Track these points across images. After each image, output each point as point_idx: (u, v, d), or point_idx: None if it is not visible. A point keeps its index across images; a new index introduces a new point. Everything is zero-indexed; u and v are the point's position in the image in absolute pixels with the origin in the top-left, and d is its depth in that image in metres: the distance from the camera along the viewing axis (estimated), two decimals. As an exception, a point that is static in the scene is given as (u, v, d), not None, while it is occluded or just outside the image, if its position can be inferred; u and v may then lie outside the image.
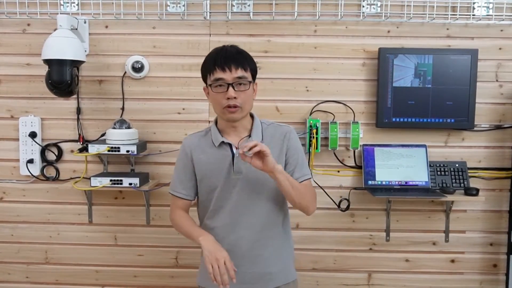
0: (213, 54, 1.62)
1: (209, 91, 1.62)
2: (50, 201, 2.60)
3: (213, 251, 1.51)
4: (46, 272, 2.64)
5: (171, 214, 1.75)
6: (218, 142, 1.64)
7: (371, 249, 2.61)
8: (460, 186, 2.46)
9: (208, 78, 1.60)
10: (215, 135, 1.66)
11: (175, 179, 1.73)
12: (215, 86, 1.57)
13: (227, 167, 1.63)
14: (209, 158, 1.65)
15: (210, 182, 1.66)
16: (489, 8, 2.46)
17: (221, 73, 1.55)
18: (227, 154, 1.64)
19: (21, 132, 2.54)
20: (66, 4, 2.49)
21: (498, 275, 2.61)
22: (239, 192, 1.63)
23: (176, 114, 2.55)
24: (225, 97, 1.55)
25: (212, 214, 1.68)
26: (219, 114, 1.63)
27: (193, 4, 2.49)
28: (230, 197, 1.64)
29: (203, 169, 1.66)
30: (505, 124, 2.53)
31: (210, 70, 1.58)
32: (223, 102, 1.56)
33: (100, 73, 2.53)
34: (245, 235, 1.65)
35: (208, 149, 1.66)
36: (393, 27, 2.50)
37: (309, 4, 2.48)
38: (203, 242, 1.55)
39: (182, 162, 1.71)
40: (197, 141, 1.70)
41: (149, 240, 2.61)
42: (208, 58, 1.62)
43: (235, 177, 1.63)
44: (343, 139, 2.52)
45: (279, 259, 1.71)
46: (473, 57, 2.42)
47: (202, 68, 1.64)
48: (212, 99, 1.62)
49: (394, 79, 2.45)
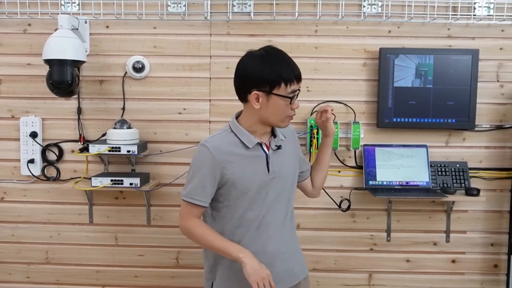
0: (280, 61, 1.54)
1: (273, 99, 1.53)
2: (51, 201, 2.60)
3: (258, 269, 1.48)
4: (47, 272, 2.64)
5: (185, 222, 1.61)
6: (252, 144, 1.59)
7: (372, 249, 2.60)
8: (461, 186, 2.46)
9: (281, 88, 1.51)
10: (247, 137, 1.59)
11: (196, 185, 1.58)
12: (293, 97, 1.54)
13: (262, 167, 1.60)
14: (242, 159, 1.58)
15: (242, 185, 1.58)
16: (490, 8, 2.46)
17: (297, 85, 1.55)
18: (261, 155, 1.61)
19: (22, 132, 2.54)
20: (67, 4, 2.49)
21: (499, 275, 2.60)
22: (271, 191, 1.62)
23: (177, 114, 2.55)
24: (292, 108, 1.56)
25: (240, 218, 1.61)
26: (276, 122, 1.58)
27: (194, 4, 2.49)
28: (262, 198, 1.60)
29: (236, 171, 1.57)
30: (506, 124, 2.53)
31: (287, 80, 1.51)
32: (289, 112, 1.56)
33: (100, 73, 2.53)
34: (274, 234, 1.64)
35: (238, 151, 1.59)
36: (394, 27, 2.50)
37: (310, 4, 2.48)
38: (246, 259, 1.49)
39: (207, 168, 1.56)
40: (221, 144, 1.58)
41: (149, 240, 2.61)
42: (276, 64, 1.52)
43: (270, 177, 1.60)
44: (344, 139, 2.52)
45: (298, 255, 1.77)
46: (474, 57, 2.42)
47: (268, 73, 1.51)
48: (277, 108, 1.54)
49: (395, 79, 2.45)
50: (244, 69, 1.58)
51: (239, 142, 1.59)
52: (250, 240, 1.60)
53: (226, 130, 1.63)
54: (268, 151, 1.62)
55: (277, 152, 1.64)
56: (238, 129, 1.61)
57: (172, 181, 2.52)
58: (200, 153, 1.59)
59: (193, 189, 1.59)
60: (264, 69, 1.52)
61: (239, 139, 1.59)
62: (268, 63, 1.53)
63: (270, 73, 1.52)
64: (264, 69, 1.52)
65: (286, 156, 1.67)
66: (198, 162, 1.59)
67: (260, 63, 1.54)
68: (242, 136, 1.59)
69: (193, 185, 1.59)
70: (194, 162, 1.60)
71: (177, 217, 2.55)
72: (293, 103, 1.56)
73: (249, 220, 1.61)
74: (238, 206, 1.60)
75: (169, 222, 2.59)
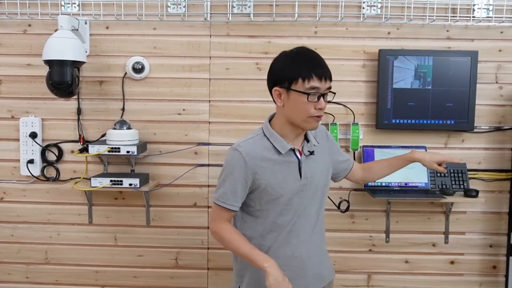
0: (304, 58, 1.52)
1: (292, 96, 1.51)
2: (50, 202, 2.60)
3: (280, 281, 1.46)
4: (46, 273, 2.64)
5: (215, 225, 1.61)
6: (285, 149, 1.57)
7: (370, 250, 2.61)
8: (460, 188, 2.46)
9: (298, 83, 1.49)
10: (279, 142, 1.57)
11: (227, 189, 1.57)
12: (311, 95, 1.49)
13: (294, 173, 1.59)
14: (274, 165, 1.57)
15: (274, 190, 1.57)
16: (489, 10, 2.46)
17: (317, 82, 1.49)
18: (293, 160, 1.59)
19: (22, 133, 2.54)
20: (67, 5, 2.49)
21: (498, 276, 2.61)
22: (303, 197, 1.61)
23: (177, 115, 2.55)
24: (316, 107, 1.51)
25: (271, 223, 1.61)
26: (300, 122, 1.54)
27: (194, 5, 2.49)
28: (294, 203, 1.59)
29: (268, 177, 1.56)
30: (505, 126, 2.53)
31: (306, 76, 1.48)
32: (312, 111, 1.51)
33: (100, 74, 2.53)
34: (304, 239, 1.64)
35: (271, 156, 1.57)
36: (393, 28, 2.50)
37: (310, 6, 2.48)
38: (270, 269, 1.48)
39: (239, 173, 1.55)
40: (254, 149, 1.57)
41: (149, 241, 2.61)
42: (299, 61, 1.51)
43: (302, 183, 1.59)
44: (343, 141, 2.52)
45: (326, 257, 1.78)
46: (473, 59, 2.43)
47: (290, 70, 1.51)
48: (297, 106, 1.51)
49: (394, 80, 2.45)
50: (271, 68, 1.59)
51: (272, 147, 1.58)
52: (281, 245, 1.61)
53: (259, 134, 1.61)
54: (300, 157, 1.61)
55: (309, 158, 1.62)
56: (271, 134, 1.59)
57: (171, 181, 2.53)
58: (232, 158, 1.57)
59: (224, 193, 1.58)
60: (285, 65, 1.53)
61: (271, 144, 1.58)
62: (291, 60, 1.53)
63: (290, 69, 1.51)
64: (285, 65, 1.53)
65: (318, 161, 1.65)
66: (230, 166, 1.57)
67: (284, 60, 1.55)
68: (275, 141, 1.58)
69: (224, 189, 1.57)
70: (226, 166, 1.59)
71: (176, 217, 2.59)
72: (313, 100, 1.50)
73: (280, 226, 1.60)
74: (270, 211, 1.59)
75: (169, 222, 2.59)
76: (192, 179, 2.55)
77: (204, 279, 2.63)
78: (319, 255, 1.72)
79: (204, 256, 2.62)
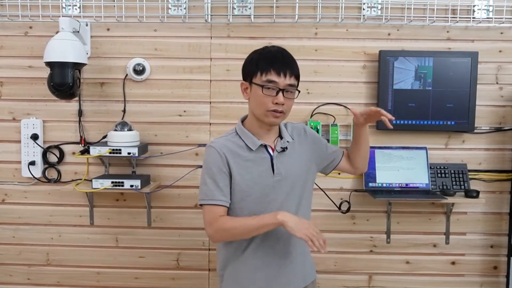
0: (268, 54, 1.57)
1: (253, 89, 1.56)
2: (52, 203, 2.61)
3: (299, 222, 1.46)
4: (47, 274, 2.65)
5: (214, 225, 1.54)
6: (256, 146, 1.59)
7: (371, 251, 2.61)
8: (461, 188, 2.47)
9: (257, 76, 1.54)
10: (250, 138, 1.60)
11: (211, 187, 1.56)
12: (266, 88, 1.52)
13: (267, 169, 1.60)
14: (246, 162, 1.58)
15: (247, 186, 1.58)
16: (489, 11, 2.47)
17: (275, 77, 1.52)
18: (265, 157, 1.61)
19: (23, 134, 2.55)
20: (68, 7, 2.50)
21: (499, 277, 2.61)
22: (278, 193, 1.61)
23: (177, 116, 2.55)
24: (273, 102, 1.53)
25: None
26: (260, 115, 1.57)
27: (194, 7, 2.50)
28: (267, 200, 1.60)
29: (241, 173, 1.58)
30: (505, 127, 2.54)
31: (264, 69, 1.53)
32: (270, 105, 1.53)
33: (101, 76, 2.54)
34: (283, 235, 1.63)
35: (242, 153, 1.59)
36: (394, 29, 2.51)
37: (310, 7, 2.49)
38: (284, 218, 1.46)
39: (217, 167, 1.56)
40: (228, 145, 1.59)
41: (150, 242, 2.61)
42: (262, 56, 1.57)
43: (276, 178, 1.60)
44: (344, 141, 2.53)
45: (308, 257, 1.75)
46: (473, 60, 2.43)
47: (251, 64, 1.57)
48: (256, 99, 1.56)
49: (394, 81, 2.46)
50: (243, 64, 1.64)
51: (244, 144, 1.60)
52: (260, 241, 1.61)
53: (232, 133, 1.65)
54: (273, 153, 1.62)
55: (283, 154, 1.63)
56: (242, 131, 1.62)
57: (172, 183, 2.53)
58: (208, 155, 1.60)
59: (209, 190, 1.56)
60: (251, 60, 1.59)
61: (243, 141, 1.61)
62: (257, 55, 1.58)
63: (252, 63, 1.57)
64: (251, 60, 1.59)
65: (295, 157, 1.66)
66: (207, 163, 1.59)
67: (252, 56, 1.60)
68: (246, 138, 1.61)
69: (208, 187, 1.57)
70: (204, 165, 1.60)
71: (178, 218, 2.59)
72: (270, 94, 1.52)
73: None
74: (244, 209, 1.59)
75: (170, 224, 2.60)
76: (193, 180, 2.55)
77: (205, 280, 2.63)
78: (299, 253, 1.69)
79: (205, 257, 2.62)
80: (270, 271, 1.62)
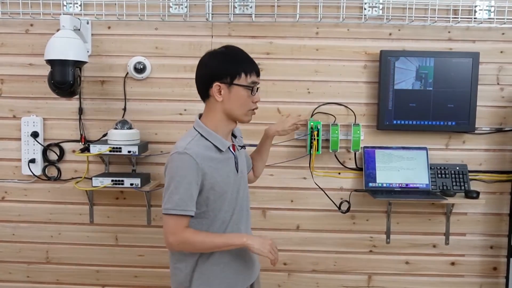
0: (243, 55, 1.62)
1: (234, 90, 1.57)
2: (52, 201, 2.61)
3: (263, 242, 1.56)
4: (47, 272, 2.65)
5: (178, 237, 1.54)
6: (225, 147, 1.61)
7: (371, 251, 2.61)
8: (461, 189, 2.47)
9: (241, 78, 1.57)
10: (219, 140, 1.60)
11: (184, 195, 1.52)
12: (251, 89, 1.59)
13: (232, 169, 1.65)
14: (218, 163, 1.59)
15: (220, 188, 1.59)
16: (491, 12, 2.46)
17: (256, 78, 1.62)
18: (231, 156, 1.65)
19: (23, 132, 2.55)
20: (69, 5, 2.50)
21: (498, 278, 2.61)
22: (241, 190, 1.69)
23: (178, 115, 2.55)
24: (254, 100, 1.62)
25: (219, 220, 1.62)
26: (239, 115, 1.61)
27: (196, 6, 2.50)
28: (234, 198, 1.65)
29: (215, 176, 1.57)
30: (506, 127, 2.54)
31: (248, 71, 1.58)
32: (251, 105, 1.62)
33: (102, 74, 2.54)
34: (244, 230, 1.71)
35: (214, 155, 1.59)
36: (395, 29, 2.50)
37: (311, 7, 2.49)
38: (249, 241, 1.56)
39: (192, 176, 1.52)
40: (199, 150, 1.56)
41: (149, 241, 2.61)
42: (239, 58, 1.60)
43: (239, 176, 1.67)
44: (344, 141, 2.53)
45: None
46: (474, 60, 2.43)
47: (231, 66, 1.58)
48: (239, 99, 1.58)
49: (395, 81, 2.45)
50: (205, 65, 1.62)
51: (212, 146, 1.60)
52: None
53: (196, 135, 1.60)
54: (235, 152, 1.68)
55: (240, 152, 1.72)
56: (208, 133, 1.60)
57: (172, 181, 2.53)
58: (183, 162, 1.52)
59: (181, 200, 1.52)
60: (225, 61, 1.59)
61: (211, 143, 1.60)
62: (229, 56, 1.61)
63: (231, 65, 1.59)
64: (225, 61, 1.59)
65: (243, 155, 1.79)
66: (182, 171, 1.52)
67: (221, 57, 1.61)
68: (214, 140, 1.60)
69: (180, 196, 1.52)
70: (177, 172, 1.53)
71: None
72: (254, 95, 1.61)
73: (224, 221, 1.63)
74: (216, 210, 1.61)
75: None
76: (193, 179, 2.54)
77: (204, 279, 2.63)
78: None
79: (204, 256, 2.62)
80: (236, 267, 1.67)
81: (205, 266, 1.63)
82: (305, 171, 2.53)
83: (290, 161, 2.52)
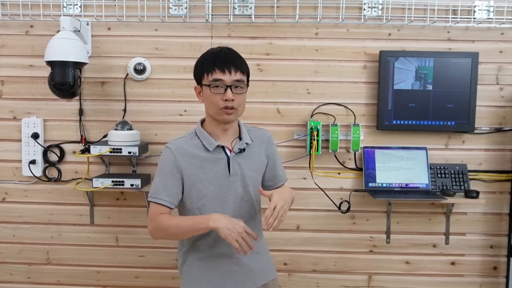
0: (211, 55, 1.62)
1: (204, 91, 1.61)
2: (52, 202, 2.61)
3: (231, 227, 1.47)
4: (48, 273, 2.65)
5: (153, 222, 1.59)
6: (212, 146, 1.62)
7: (371, 251, 2.61)
8: (461, 189, 2.47)
9: (204, 77, 1.60)
10: (207, 139, 1.63)
11: (158, 185, 1.62)
12: (213, 86, 1.57)
13: (222, 170, 1.63)
14: (202, 162, 1.62)
15: (203, 186, 1.62)
16: (490, 12, 2.47)
17: (220, 74, 1.56)
18: (222, 157, 1.64)
19: (24, 133, 2.55)
20: (69, 6, 2.50)
21: (498, 277, 2.61)
22: (233, 194, 1.65)
23: (178, 116, 2.56)
24: (223, 99, 1.57)
25: None
26: (214, 115, 1.61)
27: (195, 7, 2.50)
28: (224, 201, 1.64)
29: (197, 173, 1.61)
30: (505, 127, 2.54)
31: (208, 70, 1.58)
32: (220, 103, 1.57)
33: (102, 75, 2.54)
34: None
35: (199, 153, 1.62)
36: (394, 30, 2.51)
37: (311, 7, 2.49)
38: (216, 224, 1.47)
39: (168, 168, 1.61)
40: (184, 146, 1.63)
41: (150, 241, 2.61)
42: (206, 58, 1.62)
43: (232, 179, 1.64)
44: (344, 141, 2.53)
45: (265, 256, 1.79)
46: (473, 60, 2.43)
47: (198, 67, 1.64)
48: (207, 99, 1.61)
49: (395, 81, 2.46)
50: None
51: (201, 145, 1.64)
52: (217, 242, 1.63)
53: (192, 133, 1.68)
54: (230, 154, 1.65)
55: (240, 155, 1.66)
56: (201, 132, 1.66)
57: (172, 182, 2.53)
58: (163, 154, 1.65)
59: (155, 189, 1.62)
60: (196, 64, 1.65)
61: (201, 141, 1.64)
62: (200, 58, 1.64)
63: (198, 66, 1.64)
64: (196, 64, 1.65)
65: (252, 160, 1.69)
66: (160, 163, 1.65)
67: (199, 59, 1.65)
68: (203, 139, 1.64)
69: (155, 185, 1.63)
70: (159, 164, 1.66)
71: (177, 218, 2.58)
72: (218, 92, 1.56)
73: None
74: (202, 208, 1.62)
75: (170, 223, 2.60)
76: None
77: (205, 280, 2.63)
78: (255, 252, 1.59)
79: (205, 257, 2.62)
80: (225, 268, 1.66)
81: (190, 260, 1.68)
82: (305, 171, 2.53)
83: (290, 161, 2.53)
